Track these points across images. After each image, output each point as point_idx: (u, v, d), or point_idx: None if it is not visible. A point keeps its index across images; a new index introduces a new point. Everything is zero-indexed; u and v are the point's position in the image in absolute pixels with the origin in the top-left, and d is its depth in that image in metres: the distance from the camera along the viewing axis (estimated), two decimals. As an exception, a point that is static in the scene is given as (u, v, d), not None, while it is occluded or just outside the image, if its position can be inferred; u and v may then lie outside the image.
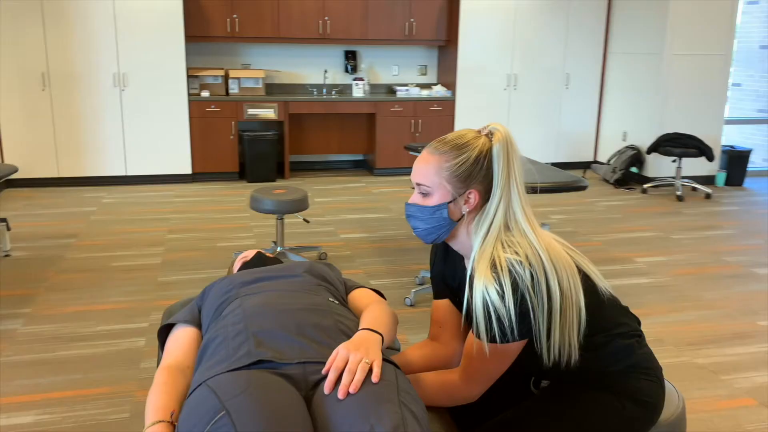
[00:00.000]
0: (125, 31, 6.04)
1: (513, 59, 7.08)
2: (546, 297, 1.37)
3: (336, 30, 6.75)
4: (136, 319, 3.39)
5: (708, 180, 6.97)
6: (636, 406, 1.54)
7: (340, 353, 1.30)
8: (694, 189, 6.69)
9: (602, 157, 7.48)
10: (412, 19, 6.90)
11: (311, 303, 1.51)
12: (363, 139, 7.29)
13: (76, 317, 3.39)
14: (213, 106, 6.40)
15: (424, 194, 1.47)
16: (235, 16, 6.45)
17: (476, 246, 1.44)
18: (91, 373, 2.85)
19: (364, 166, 7.50)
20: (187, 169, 6.47)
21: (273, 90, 7.01)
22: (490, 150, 1.43)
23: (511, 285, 1.35)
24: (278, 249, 4.13)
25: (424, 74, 7.42)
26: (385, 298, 1.75)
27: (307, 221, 4.38)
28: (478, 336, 1.42)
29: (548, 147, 7.41)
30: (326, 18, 6.69)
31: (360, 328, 1.44)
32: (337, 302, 1.60)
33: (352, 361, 1.28)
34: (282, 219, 4.13)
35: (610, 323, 1.54)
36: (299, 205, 4.01)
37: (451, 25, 6.96)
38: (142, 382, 2.78)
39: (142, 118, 6.25)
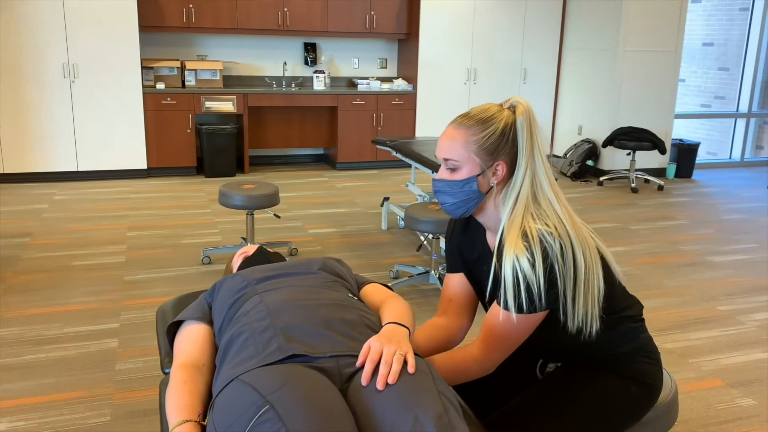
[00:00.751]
0: (75, 19, 5.80)
1: (472, 54, 7.13)
2: (572, 267, 1.41)
3: (296, 22, 6.66)
4: (105, 320, 3.27)
5: (659, 172, 7.20)
6: (640, 388, 1.59)
7: (373, 346, 1.31)
8: (647, 181, 6.90)
9: (558, 151, 7.63)
10: (372, 12, 6.86)
11: (334, 298, 1.50)
12: (324, 132, 7.23)
13: (41, 319, 3.25)
14: (169, 99, 6.22)
15: (452, 169, 1.49)
16: (191, 5, 6.28)
17: (505, 217, 1.47)
18: (63, 376, 2.73)
19: (326, 161, 7.44)
20: (142, 164, 6.28)
21: (231, 82, 6.87)
22: (514, 122, 1.46)
23: (542, 254, 1.39)
24: (248, 245, 4.05)
25: (384, 67, 7.40)
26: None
27: (278, 216, 4.31)
28: (505, 305, 1.44)
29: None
30: (285, 9, 6.58)
31: (386, 322, 1.44)
32: (356, 298, 1.59)
33: (387, 353, 1.29)
34: (252, 215, 4.05)
35: (620, 305, 1.59)
36: (270, 200, 3.94)
37: (411, 19, 6.96)
38: (120, 384, 2.69)
39: (94, 111, 6.03)
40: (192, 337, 1.53)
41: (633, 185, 6.45)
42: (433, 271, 3.67)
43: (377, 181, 6.57)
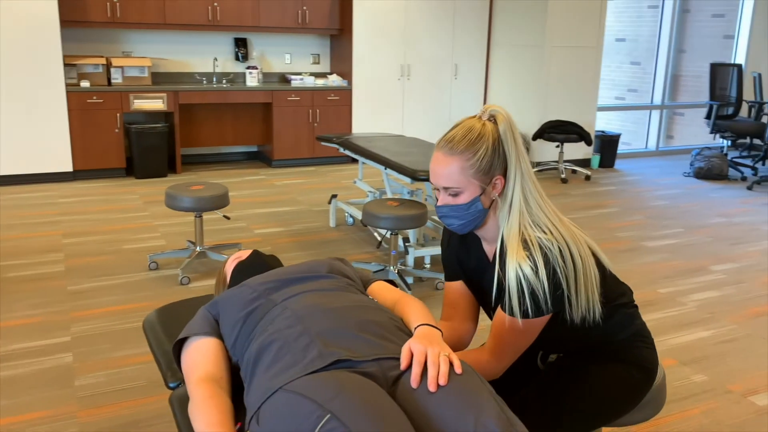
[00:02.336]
0: (-10, 14, 5.44)
1: (405, 49, 7.19)
2: (572, 265, 1.48)
3: (226, 16, 6.49)
4: (55, 334, 3.09)
5: (585, 163, 7.50)
6: (641, 373, 1.66)
7: (416, 348, 1.31)
8: (574, 171, 7.18)
9: (489, 144, 7.81)
10: (304, 7, 6.79)
11: (357, 301, 1.49)
12: (258, 129, 7.09)
13: (-17, 336, 3.04)
14: (95, 98, 5.93)
15: (454, 194, 1.51)
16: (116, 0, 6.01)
17: (503, 225, 1.52)
18: (19, 397, 2.57)
19: (260, 158, 7.30)
20: (67, 167, 5.96)
21: (160, 79, 6.62)
22: (499, 134, 1.49)
23: (543, 260, 1.44)
24: (197, 249, 3.94)
25: (317, 63, 7.34)
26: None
27: (228, 218, 4.20)
28: (511, 312, 1.49)
29: (440, 135, 7.62)
30: (215, 4, 6.41)
31: (416, 324, 1.44)
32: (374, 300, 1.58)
33: (432, 355, 1.29)
34: (201, 217, 3.93)
35: (613, 293, 1.66)
36: (220, 201, 3.83)
37: (344, 14, 6.93)
38: (83, 401, 2.55)
39: (13, 111, 5.67)
40: (204, 352, 1.48)
41: (563, 176, 6.70)
42: (391, 267, 3.69)
43: (316, 178, 6.51)
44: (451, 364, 1.30)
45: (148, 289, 3.64)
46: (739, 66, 7.37)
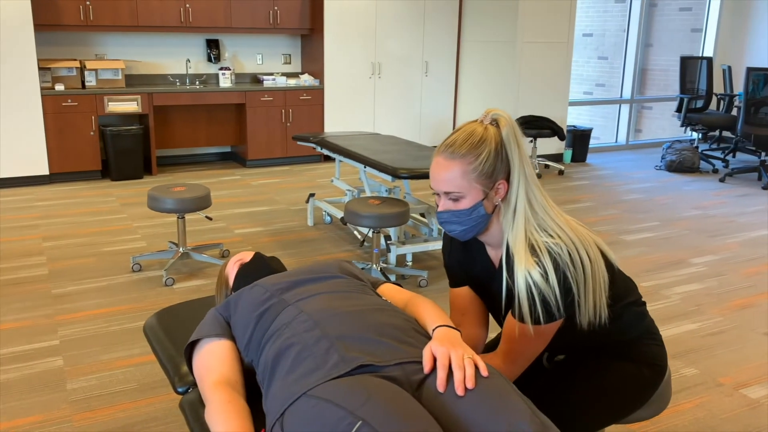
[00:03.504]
0: (-41, 17, 5.36)
1: (376, 48, 7.24)
2: (582, 268, 1.45)
3: (198, 18, 6.48)
4: (43, 338, 3.09)
5: (557, 157, 7.64)
6: (651, 370, 1.65)
7: (439, 351, 1.28)
8: (547, 166, 7.31)
9: (463, 140, 7.90)
10: (275, 8, 6.80)
11: (372, 303, 1.47)
12: (231, 130, 7.09)
13: (-31, 343, 3.03)
14: (69, 101, 5.88)
15: (455, 199, 1.48)
16: (88, 2, 5.96)
17: (508, 231, 1.49)
18: (11, 402, 2.58)
19: (234, 158, 7.30)
20: (43, 170, 5.90)
21: (133, 81, 6.58)
22: (501, 138, 1.46)
23: (553, 265, 1.42)
24: (180, 250, 3.95)
25: (289, 63, 7.36)
26: None
27: (210, 218, 4.22)
28: (521, 319, 1.46)
29: (411, 132, 7.69)
30: (187, 5, 6.39)
31: (434, 325, 1.41)
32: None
33: (456, 357, 1.26)
34: (183, 218, 3.94)
35: (623, 292, 1.64)
36: (202, 202, 3.85)
37: (315, 14, 6.96)
38: (76, 404, 2.57)
39: (-16, 116, 5.60)
40: (218, 355, 1.47)
41: (536, 171, 6.82)
42: (374, 266, 3.75)
43: (291, 177, 6.54)
44: (476, 367, 1.28)
45: (133, 291, 3.65)
46: (709, 59, 7.57)
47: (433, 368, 1.28)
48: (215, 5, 6.52)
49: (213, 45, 6.85)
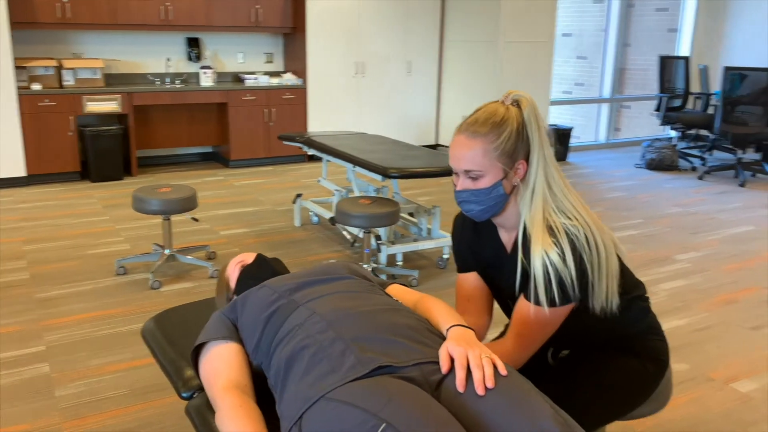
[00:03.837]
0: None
1: (359, 47, 7.21)
2: (597, 252, 1.45)
3: (179, 16, 6.39)
4: (28, 344, 3.01)
5: (539, 156, 7.67)
6: (654, 365, 1.66)
7: (456, 351, 1.27)
8: (530, 165, 7.34)
9: (444, 141, 7.91)
10: (257, 6, 6.73)
11: (384, 303, 1.45)
12: (213, 130, 7.01)
13: (-49, 350, 2.94)
14: (47, 101, 5.76)
15: (475, 178, 1.48)
16: (66, 0, 5.84)
17: (525, 212, 1.49)
18: (0, 409, 2.51)
19: (216, 159, 7.21)
20: (20, 172, 5.77)
21: (112, 81, 6.47)
22: (523, 119, 1.46)
23: (570, 246, 1.42)
24: (166, 252, 3.88)
25: (271, 62, 7.29)
26: None
27: (197, 220, 4.15)
28: (537, 301, 1.46)
29: (395, 131, 7.67)
30: (168, 4, 6.29)
31: (448, 325, 1.39)
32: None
33: (473, 357, 1.25)
34: (169, 219, 3.88)
35: (629, 285, 1.64)
36: (189, 203, 3.79)
37: (297, 13, 6.90)
38: (66, 412, 2.51)
39: (-41, 116, 5.46)
40: (226, 358, 1.45)
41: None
42: (365, 265, 3.72)
43: (275, 177, 6.48)
44: (494, 366, 1.27)
45: (119, 294, 3.58)
46: (687, 59, 7.66)
47: (451, 368, 1.27)
48: (196, 3, 6.43)
49: (193, 44, 6.76)
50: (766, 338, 3.18)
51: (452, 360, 1.27)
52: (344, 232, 4.50)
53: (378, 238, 3.89)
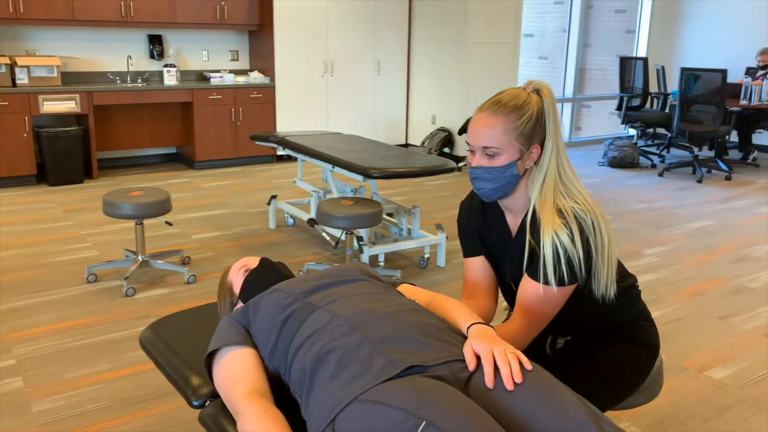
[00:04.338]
0: None
1: (328, 45, 7.12)
2: (600, 238, 1.53)
3: (140, 12, 6.18)
4: (-3, 357, 2.84)
5: (506, 155, 7.71)
6: (646, 351, 1.74)
7: (481, 348, 1.30)
8: (497, 164, 7.37)
9: (414, 140, 7.88)
10: (222, 2, 6.57)
11: (404, 304, 1.45)
12: (177, 130, 6.80)
13: None
14: None
15: (491, 155, 1.53)
16: (20, -6, 5.58)
17: (534, 196, 1.56)
18: (-29, 429, 2.34)
19: (180, 160, 7.01)
20: (-27, 175, 5.50)
21: (70, 79, 6.22)
22: (542, 106, 1.53)
23: (578, 229, 1.50)
24: (140, 258, 3.73)
25: (236, 60, 7.14)
26: None
27: (170, 224, 3.99)
28: (545, 280, 1.53)
29: (365, 131, 7.60)
30: (129, -1, 6.09)
31: (468, 323, 1.42)
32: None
33: (499, 353, 1.29)
34: (142, 224, 3.72)
35: (622, 274, 1.71)
36: (162, 207, 3.64)
37: (264, 10, 6.77)
38: (45, 427, 2.36)
39: None
40: (243, 363, 1.41)
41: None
42: (348, 267, 3.64)
43: (243, 178, 6.34)
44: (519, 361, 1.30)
45: (91, 303, 3.42)
46: (645, 59, 7.81)
47: (477, 366, 1.29)
48: None
49: (156, 41, 6.56)
50: (733, 327, 3.29)
51: (478, 357, 1.30)
52: (324, 234, 4.41)
53: (360, 239, 3.82)
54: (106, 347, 2.96)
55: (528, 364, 1.29)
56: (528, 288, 1.57)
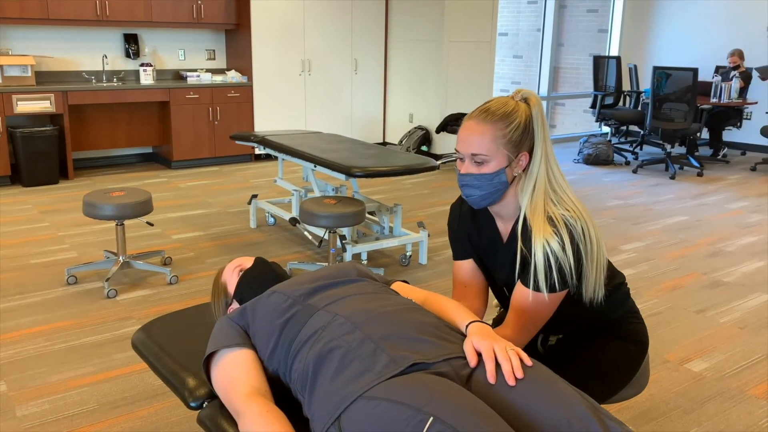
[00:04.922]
0: None
1: (305, 44, 7.11)
2: (590, 244, 1.56)
3: (115, 11, 6.11)
4: (-21, 362, 2.80)
5: (483, 153, 7.77)
6: (636, 346, 1.78)
7: (481, 345, 1.32)
8: (475, 162, 7.43)
9: (391, 139, 7.91)
10: (199, 1, 6.52)
11: (402, 303, 1.46)
12: (154, 130, 6.74)
13: None
14: (-27, 100, 5.40)
15: (480, 163, 1.55)
16: (-8, -8, 5.49)
17: (525, 203, 1.57)
18: (-45, 435, 2.31)
19: (157, 159, 6.95)
20: (-55, 176, 5.39)
21: (44, 79, 6.13)
22: (530, 114, 1.55)
23: (569, 236, 1.52)
24: (121, 259, 3.70)
25: (213, 59, 7.09)
26: None
27: (151, 224, 3.96)
28: (537, 287, 1.56)
29: (343, 130, 7.61)
30: (103, -2, 6.01)
31: (467, 321, 1.44)
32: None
33: (499, 350, 1.31)
34: (123, 225, 3.69)
35: (613, 274, 1.75)
36: (144, 207, 3.62)
37: (241, 8, 6.74)
38: (30, 431, 2.34)
39: None
40: (243, 365, 1.41)
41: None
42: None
43: (221, 178, 6.31)
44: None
45: (72, 305, 3.38)
46: (618, 58, 7.93)
47: (478, 362, 1.32)
48: (133, -2, 6.18)
49: (131, 40, 6.49)
50: (710, 320, 3.37)
51: (479, 354, 1.33)
52: (306, 233, 4.41)
53: (343, 237, 3.83)
54: (89, 350, 2.94)
55: (528, 361, 1.31)
56: (520, 294, 1.60)
